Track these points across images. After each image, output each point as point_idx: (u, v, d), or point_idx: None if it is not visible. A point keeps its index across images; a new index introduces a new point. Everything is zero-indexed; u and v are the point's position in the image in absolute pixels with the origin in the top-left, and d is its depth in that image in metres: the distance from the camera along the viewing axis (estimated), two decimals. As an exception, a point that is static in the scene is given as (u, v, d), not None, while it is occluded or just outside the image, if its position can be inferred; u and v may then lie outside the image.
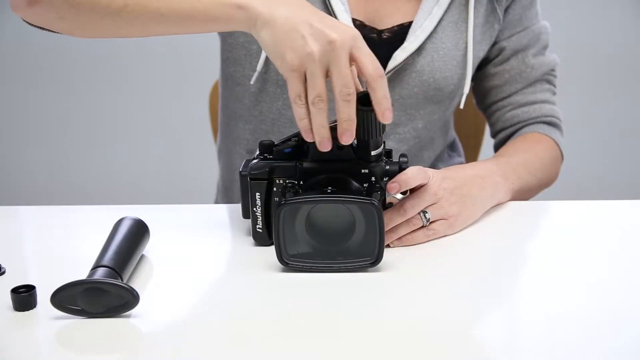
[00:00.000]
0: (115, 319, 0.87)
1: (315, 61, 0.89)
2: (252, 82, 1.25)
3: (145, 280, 0.96)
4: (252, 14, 0.93)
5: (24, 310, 0.88)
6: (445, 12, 1.24)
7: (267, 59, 1.23)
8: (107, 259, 0.90)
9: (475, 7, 1.25)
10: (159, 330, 0.86)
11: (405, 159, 0.99)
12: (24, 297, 0.88)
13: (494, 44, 1.32)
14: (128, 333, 0.86)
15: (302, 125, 0.94)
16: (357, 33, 0.92)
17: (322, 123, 0.92)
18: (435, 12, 1.23)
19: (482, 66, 1.35)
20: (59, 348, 0.84)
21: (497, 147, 1.38)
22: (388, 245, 1.02)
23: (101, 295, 0.86)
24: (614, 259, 1.01)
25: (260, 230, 1.02)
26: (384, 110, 0.92)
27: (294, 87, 0.91)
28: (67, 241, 1.09)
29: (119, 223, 0.99)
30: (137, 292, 0.86)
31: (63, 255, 1.04)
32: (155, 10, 0.98)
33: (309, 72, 0.90)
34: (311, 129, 0.93)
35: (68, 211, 1.19)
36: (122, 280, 0.89)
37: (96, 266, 0.90)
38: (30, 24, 1.08)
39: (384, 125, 0.95)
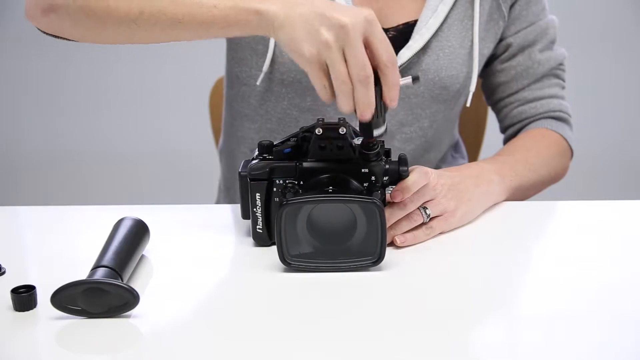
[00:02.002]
0: (115, 319, 0.87)
1: (332, 48, 0.89)
2: (258, 83, 1.25)
3: (145, 280, 0.96)
4: (269, 18, 0.93)
5: (24, 310, 0.88)
6: (451, 9, 1.24)
7: (272, 59, 1.23)
8: (107, 259, 0.90)
9: (480, 5, 1.25)
10: (159, 330, 0.86)
11: (405, 168, 0.99)
12: (24, 297, 0.88)
13: (501, 40, 1.32)
14: (128, 333, 0.86)
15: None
16: (370, 15, 0.91)
17: (349, 106, 0.92)
18: (440, 10, 1.23)
19: (489, 63, 1.35)
20: (58, 348, 0.83)
21: (505, 143, 1.38)
22: (392, 244, 1.02)
23: (101, 296, 0.86)
24: (615, 260, 1.01)
25: (261, 231, 1.02)
26: (393, 97, 0.92)
27: (317, 79, 0.92)
28: (67, 241, 1.09)
29: (119, 223, 0.99)
30: (137, 292, 0.86)
31: (63, 255, 1.04)
32: (172, 16, 0.97)
33: (328, 61, 0.90)
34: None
35: (68, 211, 1.19)
36: (122, 281, 0.89)
37: (96, 266, 0.90)
38: (44, 32, 1.09)
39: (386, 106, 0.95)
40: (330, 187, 0.97)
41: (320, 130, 0.98)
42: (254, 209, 1.01)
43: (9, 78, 2.69)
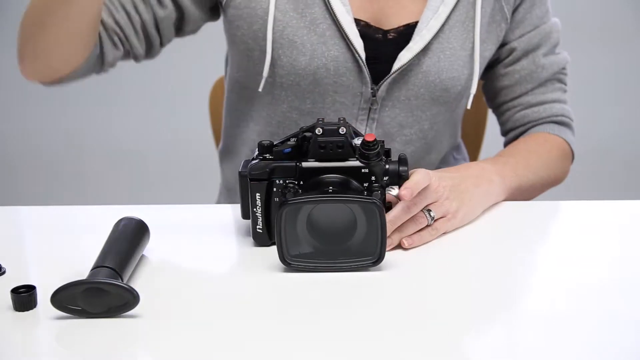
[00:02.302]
0: (115, 319, 0.87)
1: None
2: (260, 89, 1.25)
3: (145, 280, 0.96)
4: None
5: (24, 310, 0.88)
6: (452, 10, 1.23)
7: (272, 63, 1.23)
8: (107, 259, 0.90)
9: (481, 6, 1.24)
10: (159, 330, 0.86)
11: (405, 168, 1.00)
12: (24, 297, 0.88)
13: (504, 44, 1.31)
14: (128, 333, 0.85)
15: None
16: None
17: None
18: (441, 11, 1.22)
19: (491, 66, 1.34)
20: (58, 348, 0.84)
21: (506, 146, 1.38)
22: (400, 247, 1.02)
23: (101, 295, 0.86)
24: (615, 260, 1.01)
25: (261, 231, 1.02)
26: None
27: None
28: (67, 241, 1.08)
29: (119, 223, 0.99)
30: (137, 292, 0.86)
31: (63, 255, 1.03)
32: None
33: None
34: None
35: (68, 211, 1.19)
36: (122, 281, 0.89)
37: (96, 266, 0.90)
38: (46, 84, 1.21)
39: None
40: (330, 187, 0.97)
41: (321, 130, 0.98)
42: (254, 209, 1.01)
43: (9, 77, 2.68)
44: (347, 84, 1.23)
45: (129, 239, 0.96)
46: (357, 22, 1.22)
